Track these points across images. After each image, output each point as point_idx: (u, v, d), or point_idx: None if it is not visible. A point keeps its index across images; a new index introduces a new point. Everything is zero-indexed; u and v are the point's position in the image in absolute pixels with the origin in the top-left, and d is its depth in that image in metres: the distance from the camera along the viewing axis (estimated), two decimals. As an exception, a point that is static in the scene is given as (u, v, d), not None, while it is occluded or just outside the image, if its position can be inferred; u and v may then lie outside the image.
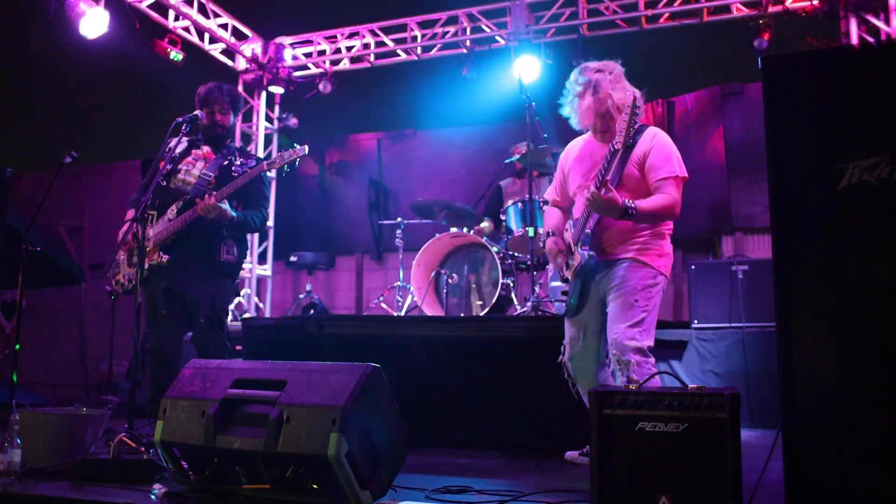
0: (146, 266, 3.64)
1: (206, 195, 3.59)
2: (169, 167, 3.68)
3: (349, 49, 8.18)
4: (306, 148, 3.67)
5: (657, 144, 3.16)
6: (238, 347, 4.76)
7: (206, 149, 3.87)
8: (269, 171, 3.74)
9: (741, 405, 2.19)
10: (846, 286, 1.99)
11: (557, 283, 3.31)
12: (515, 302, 5.26)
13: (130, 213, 3.81)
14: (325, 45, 8.30)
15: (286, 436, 2.36)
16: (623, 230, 3.16)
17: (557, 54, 7.33)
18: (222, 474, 2.55)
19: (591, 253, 3.15)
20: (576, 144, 3.49)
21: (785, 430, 2.01)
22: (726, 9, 6.97)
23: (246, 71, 8.40)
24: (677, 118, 7.79)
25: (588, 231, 3.16)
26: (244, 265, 7.88)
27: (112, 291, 3.77)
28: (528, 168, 5.22)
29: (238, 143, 6.60)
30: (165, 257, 3.63)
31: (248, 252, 8.10)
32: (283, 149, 3.74)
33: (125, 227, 3.72)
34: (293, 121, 8.48)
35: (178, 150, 3.70)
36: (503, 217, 5.55)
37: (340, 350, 4.31)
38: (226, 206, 3.62)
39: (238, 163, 3.85)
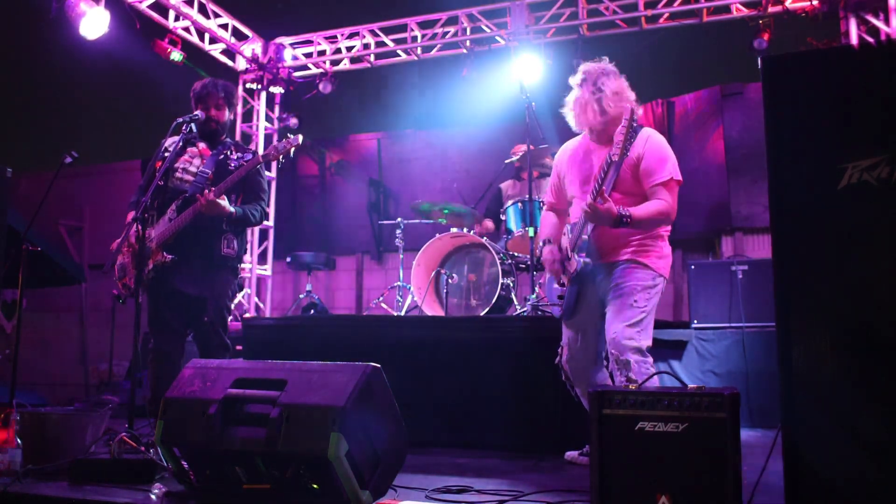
0: (151, 267, 3.64)
1: (205, 191, 3.58)
2: (166, 166, 3.67)
3: (349, 49, 8.18)
4: (300, 137, 3.65)
5: (650, 148, 3.15)
6: (238, 347, 4.76)
7: (201, 145, 3.86)
8: (266, 162, 3.73)
9: (741, 405, 2.18)
10: (846, 286, 1.99)
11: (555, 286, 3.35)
12: (515, 302, 5.26)
13: (131, 216, 3.80)
14: (325, 46, 8.30)
15: (286, 435, 2.36)
16: (620, 234, 3.16)
17: (557, 54, 7.33)
18: (222, 474, 2.55)
19: (586, 260, 3.17)
20: (570, 146, 3.47)
21: (785, 430, 2.01)
22: (726, 9, 6.97)
23: (246, 71, 8.40)
24: (677, 118, 7.79)
25: (585, 237, 3.16)
26: (244, 264, 7.95)
27: (119, 294, 3.75)
28: (527, 168, 5.22)
29: (238, 139, 6.64)
30: (169, 257, 3.63)
31: (248, 251, 8.11)
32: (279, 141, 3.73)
33: (127, 231, 3.72)
34: (293, 121, 8.48)
35: (174, 148, 3.69)
36: (503, 217, 5.56)
37: (340, 350, 4.30)
38: (225, 202, 3.60)
39: (234, 157, 3.84)
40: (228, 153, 3.85)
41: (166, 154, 3.75)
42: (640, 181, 3.13)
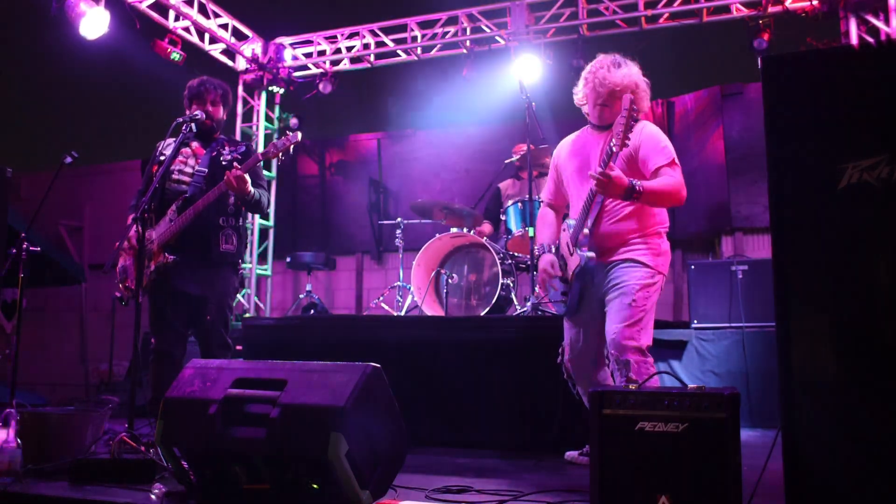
0: (153, 268, 3.65)
1: (234, 166, 3.59)
2: (164, 168, 3.67)
3: (349, 49, 8.18)
4: (299, 134, 3.66)
5: (646, 137, 3.15)
6: (238, 347, 4.76)
7: (194, 145, 3.86)
8: (266, 160, 3.75)
9: (741, 405, 2.18)
10: (846, 286, 1.99)
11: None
12: (515, 302, 5.26)
13: (131, 219, 3.80)
14: (325, 46, 8.30)
15: (286, 436, 2.36)
16: (620, 231, 3.15)
17: (557, 54, 7.34)
18: (222, 474, 2.54)
19: (590, 255, 3.14)
20: (568, 141, 3.46)
21: (785, 430, 2.01)
22: (726, 9, 6.97)
23: (246, 71, 8.40)
24: (677, 118, 7.80)
25: (586, 232, 3.15)
26: (244, 265, 7.94)
27: (122, 297, 3.75)
28: (527, 168, 5.22)
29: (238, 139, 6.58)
30: (171, 258, 3.63)
31: (248, 251, 8.11)
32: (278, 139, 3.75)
33: (127, 232, 3.72)
34: (293, 121, 8.49)
35: (172, 150, 3.70)
36: (503, 217, 5.55)
37: (340, 350, 4.30)
38: (249, 180, 3.65)
39: (226, 151, 3.85)
40: (221, 149, 3.86)
41: (161, 157, 3.75)
42: (639, 171, 3.13)
